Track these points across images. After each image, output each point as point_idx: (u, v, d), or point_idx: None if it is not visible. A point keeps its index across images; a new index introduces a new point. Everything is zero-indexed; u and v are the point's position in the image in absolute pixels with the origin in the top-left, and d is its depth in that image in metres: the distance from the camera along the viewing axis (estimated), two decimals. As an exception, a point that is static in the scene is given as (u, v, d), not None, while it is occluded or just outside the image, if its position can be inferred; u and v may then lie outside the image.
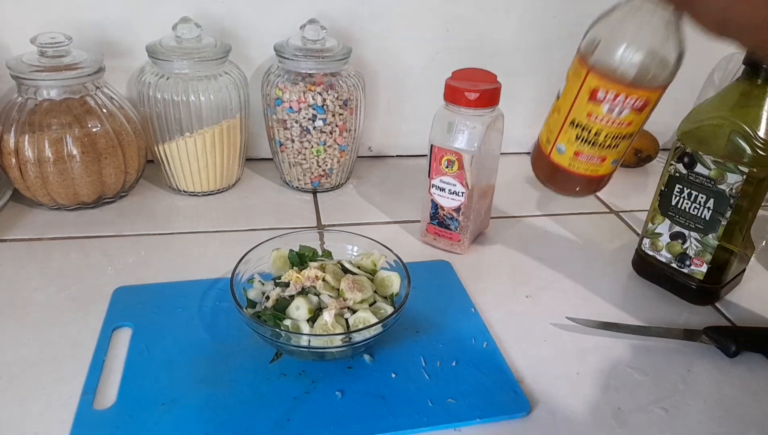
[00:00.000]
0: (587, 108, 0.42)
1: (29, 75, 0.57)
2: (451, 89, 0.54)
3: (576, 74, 0.42)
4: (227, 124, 0.65)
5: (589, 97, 0.41)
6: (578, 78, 0.42)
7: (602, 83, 0.40)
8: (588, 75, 0.41)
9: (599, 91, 0.41)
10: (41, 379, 0.41)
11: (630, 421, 0.41)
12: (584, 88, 0.41)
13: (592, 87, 0.41)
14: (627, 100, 0.41)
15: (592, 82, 0.41)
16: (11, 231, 0.59)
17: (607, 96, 0.41)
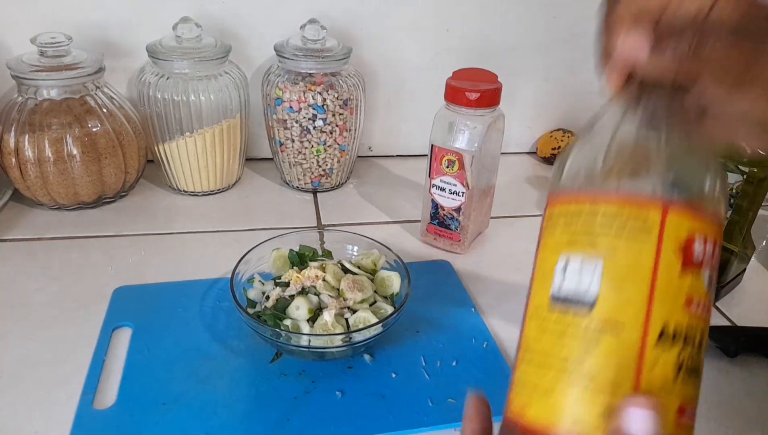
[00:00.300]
0: (683, 287, 0.21)
1: (29, 75, 0.57)
2: (451, 89, 0.54)
3: (633, 232, 0.21)
4: (227, 123, 0.65)
5: (684, 262, 0.21)
6: (642, 236, 0.21)
7: (699, 226, 0.22)
8: (668, 219, 0.21)
9: (696, 242, 0.22)
10: (41, 378, 0.41)
11: (630, 421, 0.41)
12: (667, 249, 0.21)
13: (682, 240, 0.21)
14: (716, 251, 0.23)
15: (681, 228, 0.21)
16: (11, 231, 0.59)
17: (706, 250, 0.22)
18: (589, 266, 0.21)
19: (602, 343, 0.20)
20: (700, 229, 0.22)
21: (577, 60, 0.79)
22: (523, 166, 0.82)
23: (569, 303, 0.21)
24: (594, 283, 0.21)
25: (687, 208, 0.21)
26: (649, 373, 0.20)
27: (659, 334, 0.20)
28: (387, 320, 0.42)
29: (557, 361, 0.21)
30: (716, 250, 0.23)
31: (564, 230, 0.23)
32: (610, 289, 0.21)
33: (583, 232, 0.22)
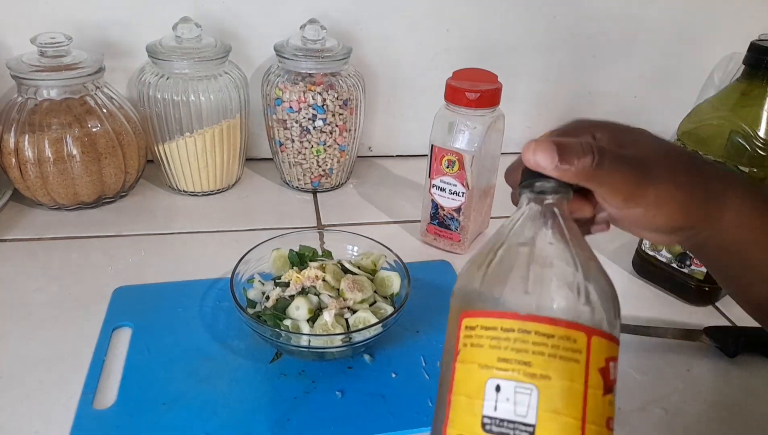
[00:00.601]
0: (605, 409, 0.22)
1: (29, 75, 0.57)
2: (451, 89, 0.54)
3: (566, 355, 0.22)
4: (227, 124, 0.65)
5: (605, 384, 0.22)
6: (574, 358, 0.22)
7: (612, 348, 0.23)
8: (592, 342, 0.22)
9: (611, 364, 0.23)
10: (41, 378, 0.41)
11: (630, 421, 0.41)
12: (593, 372, 0.22)
13: (603, 363, 0.22)
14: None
15: (602, 352, 0.22)
16: (11, 231, 0.59)
17: (616, 372, 0.23)
18: (525, 390, 0.21)
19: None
20: (613, 351, 0.23)
21: (577, 60, 0.79)
22: (523, 166, 0.82)
23: (506, 428, 0.21)
24: (532, 408, 0.21)
25: (604, 333, 0.23)
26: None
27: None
28: (387, 320, 0.42)
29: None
30: (618, 369, 0.24)
31: (493, 347, 0.22)
32: (549, 415, 0.21)
33: (514, 351, 0.22)
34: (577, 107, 0.83)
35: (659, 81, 0.83)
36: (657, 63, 0.81)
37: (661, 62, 0.81)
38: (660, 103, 0.84)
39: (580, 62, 0.79)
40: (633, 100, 0.84)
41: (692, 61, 0.82)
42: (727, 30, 0.80)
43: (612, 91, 0.82)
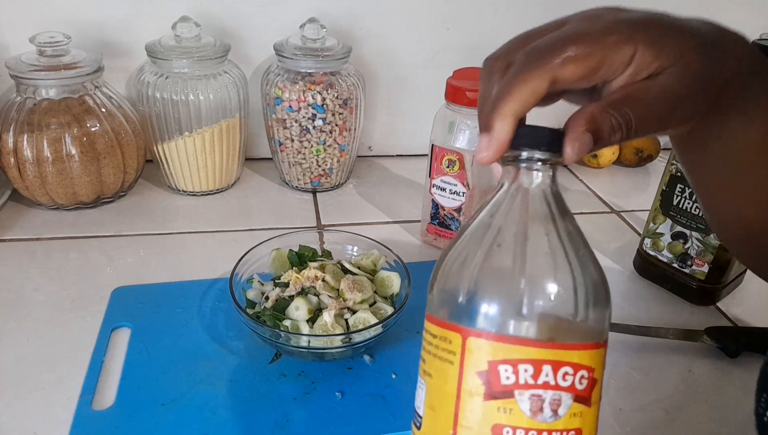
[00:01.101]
0: (488, 416, 0.21)
1: (28, 74, 0.56)
2: (452, 88, 0.54)
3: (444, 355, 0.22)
4: (226, 123, 0.64)
5: (488, 389, 0.21)
6: (449, 359, 0.21)
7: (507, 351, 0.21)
8: (467, 344, 0.21)
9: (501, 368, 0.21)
10: (40, 379, 0.41)
11: (631, 422, 0.41)
12: (467, 375, 0.21)
13: (484, 366, 0.21)
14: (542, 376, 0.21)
15: (482, 354, 0.21)
16: (10, 231, 0.59)
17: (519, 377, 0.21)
18: (421, 385, 0.22)
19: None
20: (509, 355, 0.20)
21: (578, 59, 0.79)
22: (523, 165, 0.82)
23: (414, 416, 0.22)
24: (422, 401, 0.22)
25: (490, 335, 0.20)
26: None
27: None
28: (387, 321, 0.42)
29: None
30: (544, 376, 0.20)
31: (422, 347, 0.24)
32: (429, 411, 0.21)
33: (423, 349, 0.23)
34: (576, 107, 0.83)
35: (660, 80, 0.82)
36: (657, 62, 0.81)
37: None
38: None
39: (581, 62, 0.79)
40: (633, 99, 0.84)
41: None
42: (727, 29, 0.80)
43: (612, 90, 0.82)
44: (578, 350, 0.21)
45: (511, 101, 0.23)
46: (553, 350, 0.21)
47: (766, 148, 0.27)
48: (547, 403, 0.21)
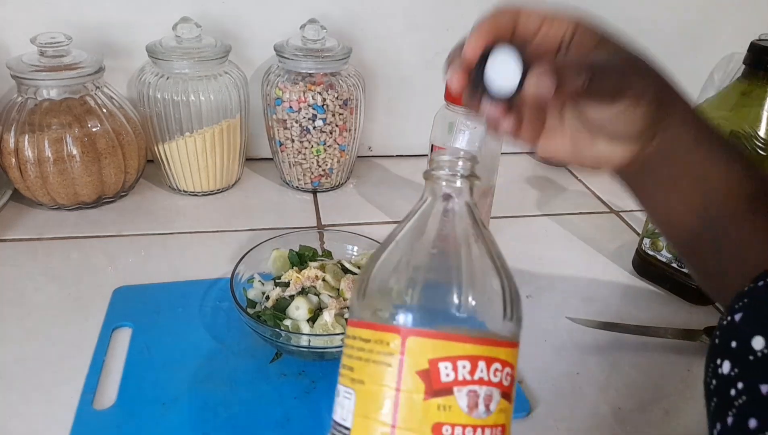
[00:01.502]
0: (428, 414, 0.21)
1: (29, 75, 0.57)
2: (451, 89, 0.54)
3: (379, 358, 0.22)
4: (227, 123, 0.65)
5: (428, 387, 0.21)
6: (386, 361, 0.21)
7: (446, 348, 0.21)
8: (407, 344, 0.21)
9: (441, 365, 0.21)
10: (41, 379, 0.41)
11: (630, 421, 0.41)
12: (408, 374, 0.21)
13: (424, 364, 0.21)
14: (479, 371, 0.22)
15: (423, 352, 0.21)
16: (11, 231, 0.59)
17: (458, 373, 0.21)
18: (348, 395, 0.22)
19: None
20: (449, 352, 0.21)
21: (577, 60, 0.79)
22: (524, 166, 0.82)
23: (336, 431, 0.22)
24: (350, 412, 0.21)
25: (431, 333, 0.21)
26: None
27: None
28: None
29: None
30: (479, 371, 0.21)
31: (343, 356, 0.23)
32: (360, 419, 0.21)
33: (347, 356, 0.23)
34: (577, 107, 0.83)
35: (659, 81, 0.82)
36: (657, 63, 0.81)
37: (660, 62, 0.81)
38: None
39: (580, 62, 0.79)
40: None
41: (692, 61, 0.82)
42: (727, 30, 0.80)
43: (612, 90, 0.82)
44: (505, 348, 0.22)
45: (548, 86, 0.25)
46: (487, 347, 0.22)
47: (690, 163, 0.31)
48: (481, 398, 0.21)
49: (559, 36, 0.29)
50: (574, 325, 0.49)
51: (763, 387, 0.20)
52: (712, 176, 0.31)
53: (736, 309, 0.23)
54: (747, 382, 0.21)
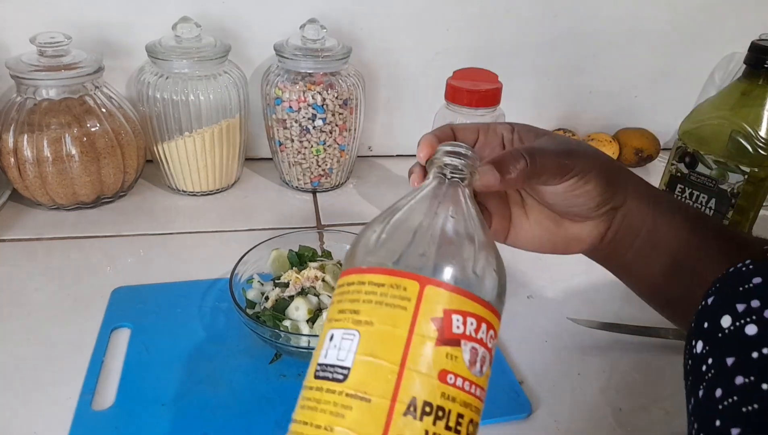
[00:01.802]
0: (437, 361, 0.21)
1: (28, 74, 0.56)
2: (452, 89, 0.54)
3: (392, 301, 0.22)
4: (227, 123, 0.64)
5: (440, 335, 0.22)
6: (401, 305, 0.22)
7: (459, 303, 0.22)
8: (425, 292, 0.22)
9: (454, 318, 0.22)
10: (40, 379, 0.41)
11: (631, 422, 0.41)
12: (422, 321, 0.22)
13: (439, 314, 0.22)
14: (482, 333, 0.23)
15: (438, 302, 0.22)
16: (10, 231, 0.59)
17: (467, 328, 0.22)
18: (349, 336, 0.22)
19: (352, 412, 0.20)
20: (464, 306, 0.22)
21: (578, 59, 0.79)
22: (523, 166, 0.82)
23: (327, 374, 0.22)
24: (351, 352, 0.21)
25: (448, 285, 0.22)
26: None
27: (409, 404, 0.20)
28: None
29: (310, 432, 0.21)
30: (482, 330, 0.23)
31: (338, 302, 0.24)
32: (365, 358, 0.21)
33: (349, 301, 0.23)
34: (577, 107, 0.83)
35: (660, 80, 0.83)
36: (657, 62, 0.81)
37: (661, 62, 0.81)
38: (660, 103, 0.84)
39: (581, 61, 0.79)
40: (633, 99, 0.84)
41: (693, 60, 0.82)
42: (727, 30, 0.80)
43: (612, 90, 0.82)
44: (498, 319, 0.24)
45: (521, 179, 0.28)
46: (489, 312, 0.23)
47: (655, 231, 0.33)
48: (479, 357, 0.22)
49: (499, 139, 0.32)
50: (575, 326, 0.49)
51: (728, 359, 0.21)
52: (677, 238, 0.32)
53: (709, 293, 0.24)
54: (715, 357, 0.22)
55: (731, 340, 0.22)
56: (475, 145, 0.32)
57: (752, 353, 0.20)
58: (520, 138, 0.32)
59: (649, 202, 0.32)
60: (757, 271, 0.22)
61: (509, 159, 0.27)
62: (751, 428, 0.19)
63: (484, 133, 0.32)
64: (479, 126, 0.32)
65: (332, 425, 0.20)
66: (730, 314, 0.22)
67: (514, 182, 0.28)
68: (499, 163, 0.27)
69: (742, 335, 0.21)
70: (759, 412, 0.19)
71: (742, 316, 0.22)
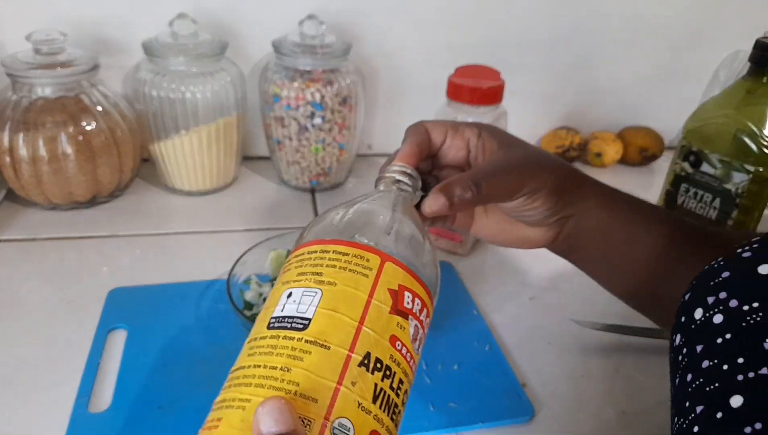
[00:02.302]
0: (390, 326, 0.24)
1: (24, 73, 0.56)
2: (453, 86, 0.53)
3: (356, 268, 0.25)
4: (224, 121, 0.64)
5: (394, 304, 0.24)
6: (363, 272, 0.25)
7: (411, 283, 0.25)
8: (385, 265, 0.25)
9: (406, 294, 0.25)
10: (36, 381, 0.41)
11: (634, 424, 0.40)
12: (381, 288, 0.24)
13: (395, 286, 0.24)
14: (423, 315, 0.26)
15: (395, 277, 0.25)
16: (5, 231, 0.58)
17: (414, 305, 0.25)
18: (309, 294, 0.24)
19: (311, 356, 0.22)
20: (413, 287, 0.25)
21: (582, 57, 0.78)
22: (525, 164, 0.81)
23: (285, 324, 0.23)
24: (312, 306, 0.23)
25: (404, 265, 0.25)
26: (348, 389, 0.22)
27: (364, 357, 0.22)
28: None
29: (263, 372, 0.22)
30: (423, 314, 0.26)
31: (295, 268, 0.26)
32: (326, 312, 0.23)
33: (311, 265, 0.25)
34: (581, 104, 0.82)
35: (664, 78, 0.82)
36: (662, 60, 0.80)
37: (666, 59, 0.80)
38: (665, 101, 0.83)
39: (584, 59, 0.78)
40: (638, 97, 0.83)
41: (697, 58, 0.81)
42: (732, 27, 0.79)
43: (616, 88, 0.82)
44: (432, 310, 0.27)
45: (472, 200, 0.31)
46: (429, 300, 0.27)
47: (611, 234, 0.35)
48: (419, 335, 0.25)
49: (465, 142, 0.34)
50: (578, 328, 0.48)
51: (698, 347, 0.23)
52: (636, 241, 0.35)
53: (687, 291, 0.26)
54: (689, 346, 0.24)
55: (702, 330, 0.24)
56: (443, 145, 0.34)
57: (717, 339, 0.22)
58: (484, 146, 0.34)
59: (601, 208, 0.35)
60: (727, 267, 0.24)
61: (456, 188, 0.30)
62: (714, 406, 0.21)
63: (451, 135, 0.34)
64: (449, 126, 0.34)
65: (290, 366, 0.22)
66: (702, 307, 0.24)
67: (461, 209, 0.31)
68: (448, 191, 0.30)
69: (711, 324, 0.23)
70: (719, 391, 0.21)
71: (712, 307, 0.24)
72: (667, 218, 0.36)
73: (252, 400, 0.21)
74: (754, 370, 0.20)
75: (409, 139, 0.33)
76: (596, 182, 0.36)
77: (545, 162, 0.34)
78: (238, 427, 0.21)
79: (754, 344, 0.21)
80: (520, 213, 0.34)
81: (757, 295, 0.22)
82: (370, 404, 0.22)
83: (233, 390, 0.23)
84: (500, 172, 0.32)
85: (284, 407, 0.20)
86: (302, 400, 0.21)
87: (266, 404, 0.20)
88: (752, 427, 0.18)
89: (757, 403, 0.19)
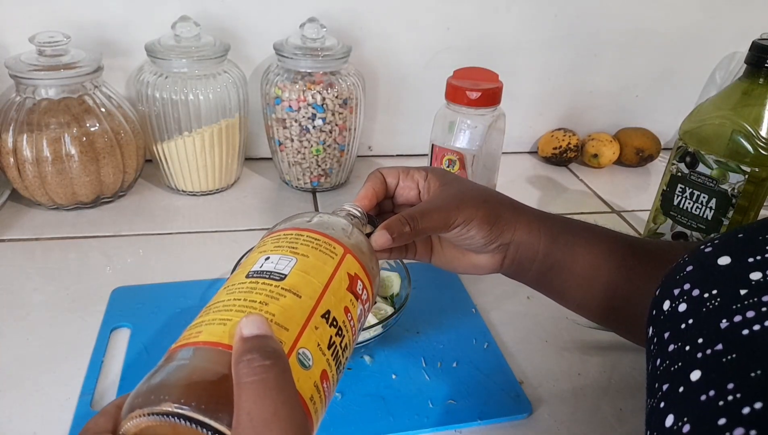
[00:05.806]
0: (345, 298, 0.29)
1: (27, 74, 0.56)
2: (452, 88, 0.54)
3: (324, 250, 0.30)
4: (226, 123, 0.64)
5: (349, 285, 0.30)
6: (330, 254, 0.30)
7: (363, 276, 0.31)
8: (346, 256, 0.30)
9: (359, 281, 0.30)
10: (39, 379, 0.41)
11: (631, 422, 0.41)
12: (342, 270, 0.29)
13: (352, 272, 0.30)
14: (368, 306, 0.32)
15: (352, 267, 0.30)
16: (9, 231, 0.59)
17: (363, 294, 0.30)
18: (286, 259, 0.29)
19: (285, 299, 0.26)
20: (364, 279, 0.31)
21: (579, 59, 0.79)
22: (524, 165, 0.82)
23: (263, 275, 0.27)
24: (288, 267, 0.28)
25: (359, 260, 0.31)
26: (311, 330, 0.26)
27: (325, 312, 0.27)
28: (387, 321, 0.42)
29: (243, 303, 0.26)
30: (367, 305, 0.31)
31: (272, 243, 0.30)
32: (300, 272, 0.28)
33: (287, 242, 0.30)
34: (578, 106, 0.83)
35: (661, 80, 0.82)
36: (658, 62, 0.81)
37: (662, 61, 0.81)
38: (661, 103, 0.84)
39: (582, 61, 0.79)
40: (634, 99, 0.84)
41: (694, 60, 0.82)
42: (728, 29, 0.80)
43: (613, 90, 0.82)
44: (369, 313, 0.32)
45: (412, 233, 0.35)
46: (372, 300, 0.32)
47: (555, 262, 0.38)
48: (362, 320, 0.30)
49: (415, 183, 0.39)
50: (576, 326, 0.49)
51: (666, 334, 0.25)
52: (576, 262, 0.38)
53: (658, 286, 0.28)
54: (658, 335, 0.26)
55: (669, 319, 0.26)
56: (397, 187, 0.40)
57: (681, 325, 0.24)
58: (429, 186, 0.39)
59: (539, 233, 0.38)
60: (690, 262, 0.26)
61: (395, 225, 0.35)
62: (676, 382, 0.23)
63: (403, 178, 0.39)
64: (401, 171, 0.39)
65: (268, 302, 0.26)
66: (669, 299, 0.26)
67: (402, 241, 0.35)
68: (389, 228, 0.34)
69: (676, 313, 0.25)
70: (682, 369, 0.23)
71: (677, 298, 0.26)
72: (606, 237, 0.39)
73: (233, 320, 0.25)
74: (710, 347, 0.22)
75: (366, 184, 0.39)
76: (533, 211, 0.40)
77: (477, 196, 0.37)
78: (218, 335, 0.24)
79: (711, 325, 0.23)
80: (462, 242, 0.38)
81: (716, 284, 0.24)
82: (325, 348, 0.26)
83: (213, 314, 0.26)
84: (433, 209, 0.36)
85: (265, 320, 0.24)
86: (277, 326, 0.25)
87: (249, 316, 0.24)
88: (707, 395, 0.20)
89: (712, 374, 0.21)
